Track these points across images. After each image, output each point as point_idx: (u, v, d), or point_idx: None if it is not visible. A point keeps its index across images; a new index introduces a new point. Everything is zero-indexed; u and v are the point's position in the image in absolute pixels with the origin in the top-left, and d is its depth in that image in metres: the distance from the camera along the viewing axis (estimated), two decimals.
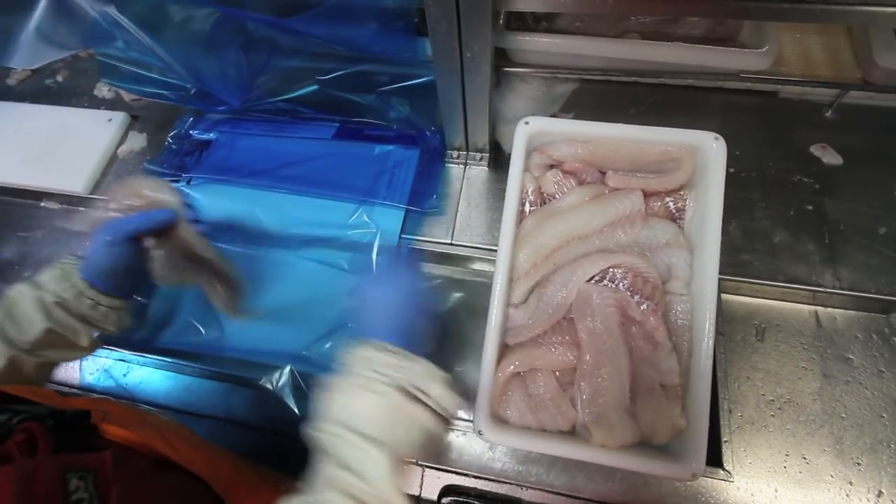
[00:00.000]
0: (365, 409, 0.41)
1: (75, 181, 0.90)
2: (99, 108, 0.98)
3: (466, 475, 0.67)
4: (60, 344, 0.55)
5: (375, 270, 0.61)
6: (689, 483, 0.63)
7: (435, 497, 0.67)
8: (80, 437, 0.37)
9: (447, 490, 0.67)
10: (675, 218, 0.66)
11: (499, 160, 0.85)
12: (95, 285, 0.57)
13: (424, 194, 0.80)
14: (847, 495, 0.62)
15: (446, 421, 0.45)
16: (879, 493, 0.62)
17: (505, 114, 0.89)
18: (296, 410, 0.69)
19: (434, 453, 0.43)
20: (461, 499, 0.66)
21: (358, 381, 0.43)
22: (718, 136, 0.62)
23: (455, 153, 0.84)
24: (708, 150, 0.62)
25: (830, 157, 0.81)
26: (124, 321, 0.61)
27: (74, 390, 0.75)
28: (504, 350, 0.61)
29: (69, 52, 0.70)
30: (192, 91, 0.87)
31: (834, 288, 0.71)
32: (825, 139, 0.82)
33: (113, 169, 0.93)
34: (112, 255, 0.58)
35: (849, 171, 0.80)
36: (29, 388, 0.40)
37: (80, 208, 0.93)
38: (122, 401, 0.48)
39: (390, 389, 0.41)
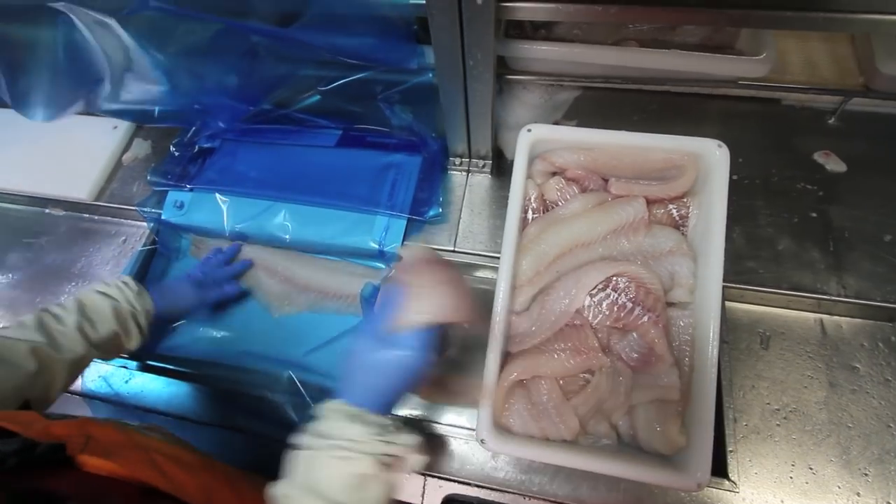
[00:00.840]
0: (331, 474, 0.41)
1: (80, 188, 0.90)
2: (104, 116, 0.99)
3: (469, 484, 0.66)
4: (115, 345, 0.63)
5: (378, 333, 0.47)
6: (693, 493, 0.63)
7: None
8: (40, 487, 0.34)
9: (449, 500, 0.66)
10: (679, 225, 0.66)
11: (501, 167, 0.85)
12: (157, 304, 0.68)
13: (427, 202, 0.80)
14: None
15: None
16: None
17: (507, 121, 0.89)
18: (294, 417, 0.69)
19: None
20: None
21: (327, 448, 0.42)
22: (721, 143, 0.62)
23: (458, 160, 0.84)
24: (711, 157, 0.62)
25: (834, 165, 0.81)
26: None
27: (75, 397, 0.75)
28: (507, 358, 0.61)
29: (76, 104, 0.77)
30: (192, 113, 0.87)
31: (839, 296, 0.70)
32: (829, 146, 0.82)
33: (117, 176, 0.94)
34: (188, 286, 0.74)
35: (853, 178, 0.79)
36: (9, 414, 0.38)
37: (85, 215, 0.93)
38: (109, 419, 0.46)
39: (361, 456, 0.41)
